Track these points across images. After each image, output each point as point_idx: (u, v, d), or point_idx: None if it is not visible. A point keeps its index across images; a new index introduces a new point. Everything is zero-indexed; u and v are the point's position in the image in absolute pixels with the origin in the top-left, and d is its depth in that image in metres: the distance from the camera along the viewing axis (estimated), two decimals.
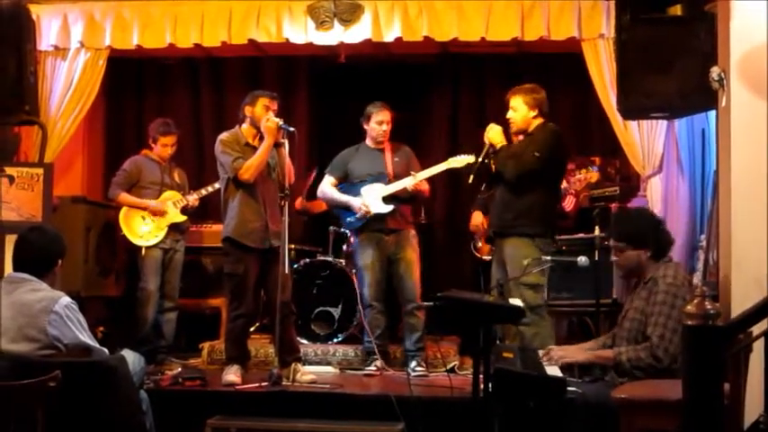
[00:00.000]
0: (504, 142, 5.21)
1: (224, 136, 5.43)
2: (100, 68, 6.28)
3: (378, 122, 5.97)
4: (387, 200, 5.88)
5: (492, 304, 4.24)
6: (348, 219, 6.05)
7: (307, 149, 7.47)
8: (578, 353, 4.15)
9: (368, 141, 6.08)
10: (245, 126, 5.43)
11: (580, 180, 6.09)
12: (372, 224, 5.92)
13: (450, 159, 5.87)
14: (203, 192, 6.42)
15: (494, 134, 5.22)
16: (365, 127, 6.04)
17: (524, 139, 5.23)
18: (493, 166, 5.22)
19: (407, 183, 5.84)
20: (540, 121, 5.23)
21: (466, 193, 6.66)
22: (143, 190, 6.28)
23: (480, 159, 5.27)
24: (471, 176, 5.33)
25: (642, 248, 4.01)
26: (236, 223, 5.33)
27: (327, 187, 6.10)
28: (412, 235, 6.01)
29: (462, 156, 5.83)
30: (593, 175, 6.18)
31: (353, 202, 5.95)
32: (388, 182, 5.92)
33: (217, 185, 6.03)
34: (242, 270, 5.31)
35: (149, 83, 7.82)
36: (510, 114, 5.26)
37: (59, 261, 3.94)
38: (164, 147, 6.35)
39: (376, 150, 6.05)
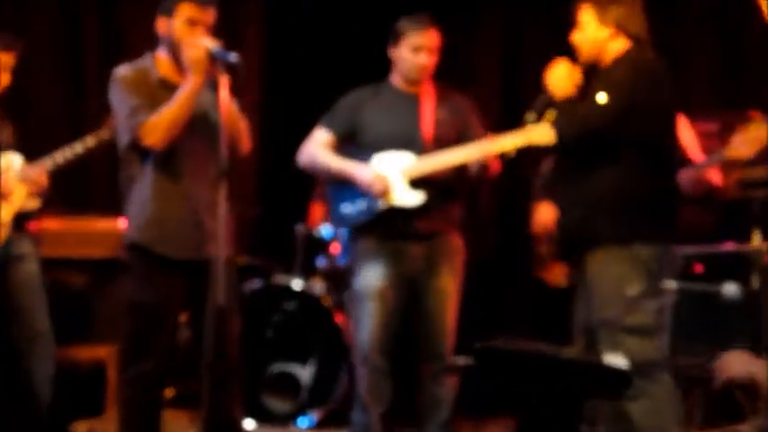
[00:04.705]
0: (570, 91, 4.88)
1: (122, 70, 4.97)
2: None
3: (414, 48, 5.43)
4: (418, 184, 5.30)
5: (574, 363, 4.24)
6: (345, 209, 5.51)
7: (258, 93, 7.37)
8: None
9: (395, 80, 5.53)
10: (160, 53, 4.97)
11: (737, 145, 5.40)
12: (389, 222, 5.42)
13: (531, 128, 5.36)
14: (58, 159, 5.84)
15: (555, 78, 4.88)
16: (392, 56, 5.52)
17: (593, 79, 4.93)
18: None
19: (475, 153, 5.28)
20: (621, 44, 4.77)
21: (520, 176, 6.48)
22: None
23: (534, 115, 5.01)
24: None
25: None
26: (146, 219, 4.89)
27: (317, 148, 5.54)
28: (455, 247, 5.55)
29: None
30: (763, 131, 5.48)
31: (358, 171, 5.38)
32: (423, 151, 5.34)
33: (80, 148, 5.70)
34: (153, 298, 4.89)
35: None
36: (575, 36, 4.91)
37: None
38: (4, 71, 5.87)
39: (408, 96, 5.51)
